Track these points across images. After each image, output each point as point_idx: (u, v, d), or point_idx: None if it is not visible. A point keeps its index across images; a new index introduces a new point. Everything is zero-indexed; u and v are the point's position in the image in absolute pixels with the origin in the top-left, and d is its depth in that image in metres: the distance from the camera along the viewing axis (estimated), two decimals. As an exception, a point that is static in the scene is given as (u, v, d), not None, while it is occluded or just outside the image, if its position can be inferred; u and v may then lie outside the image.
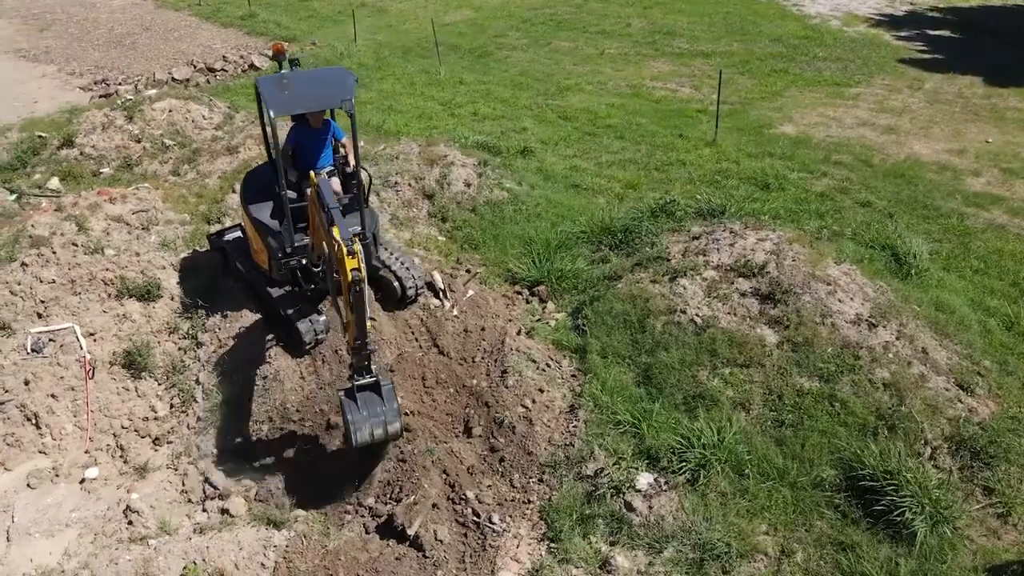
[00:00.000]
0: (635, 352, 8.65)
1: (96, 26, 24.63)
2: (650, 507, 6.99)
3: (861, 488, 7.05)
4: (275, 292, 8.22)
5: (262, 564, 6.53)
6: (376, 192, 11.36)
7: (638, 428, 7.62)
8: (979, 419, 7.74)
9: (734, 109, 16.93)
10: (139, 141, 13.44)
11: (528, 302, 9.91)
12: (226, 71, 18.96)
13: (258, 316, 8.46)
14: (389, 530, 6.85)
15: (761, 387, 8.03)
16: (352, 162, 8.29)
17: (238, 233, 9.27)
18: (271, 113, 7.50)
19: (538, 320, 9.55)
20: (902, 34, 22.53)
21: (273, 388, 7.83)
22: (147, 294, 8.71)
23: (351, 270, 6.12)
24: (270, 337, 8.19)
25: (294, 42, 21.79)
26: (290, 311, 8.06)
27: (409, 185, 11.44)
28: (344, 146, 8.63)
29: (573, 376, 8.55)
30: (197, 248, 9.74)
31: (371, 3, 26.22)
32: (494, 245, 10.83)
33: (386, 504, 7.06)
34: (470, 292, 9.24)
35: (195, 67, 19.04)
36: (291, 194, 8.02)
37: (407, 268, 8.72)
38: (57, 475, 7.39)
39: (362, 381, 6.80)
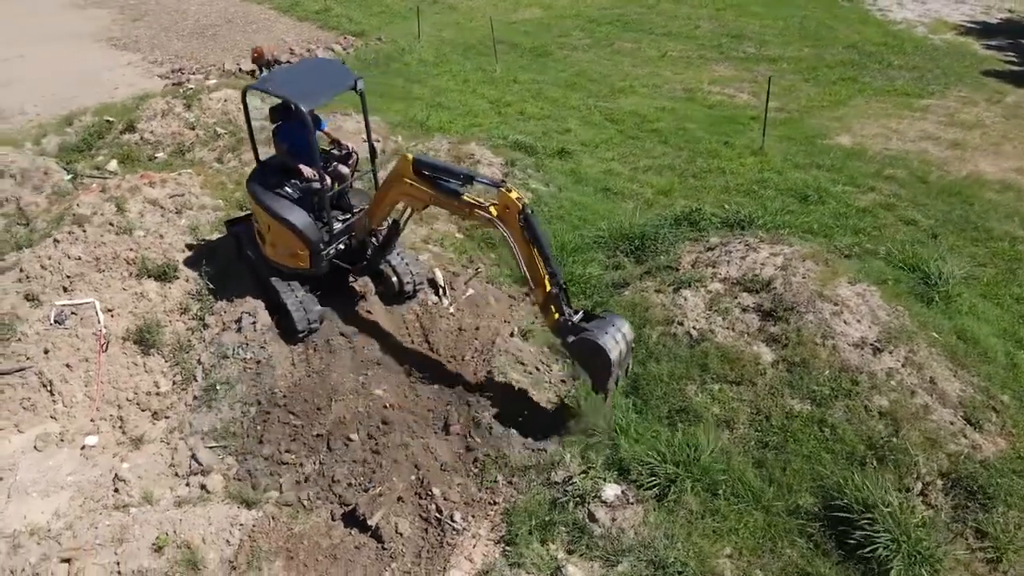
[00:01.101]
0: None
1: (184, 17, 25.86)
2: (613, 519, 6.91)
3: (837, 519, 6.77)
4: (275, 280, 8.52)
5: (227, 541, 6.81)
6: (400, 187, 11.59)
7: (615, 438, 7.52)
8: (982, 457, 7.31)
9: (790, 117, 16.40)
10: (193, 128, 14.09)
11: (534, 303, 9.89)
12: (290, 63, 19.58)
13: (260, 302, 8.77)
14: (354, 519, 7.00)
15: (749, 406, 7.80)
16: (348, 145, 8.70)
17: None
18: (303, 107, 7.72)
19: (541, 323, 9.53)
20: (992, 43, 21.27)
21: (265, 373, 8.13)
22: (164, 275, 9.18)
23: (518, 200, 6.78)
24: (268, 323, 8.50)
25: (362, 37, 22.37)
26: (288, 299, 8.35)
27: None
28: (328, 135, 8.89)
29: (562, 381, 8.51)
30: (220, 233, 10.17)
31: (444, 0, 26.57)
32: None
33: (355, 493, 7.21)
34: (470, 291, 9.31)
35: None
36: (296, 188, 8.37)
37: (406, 264, 8.88)
38: (62, 440, 7.89)
39: (577, 317, 7.07)
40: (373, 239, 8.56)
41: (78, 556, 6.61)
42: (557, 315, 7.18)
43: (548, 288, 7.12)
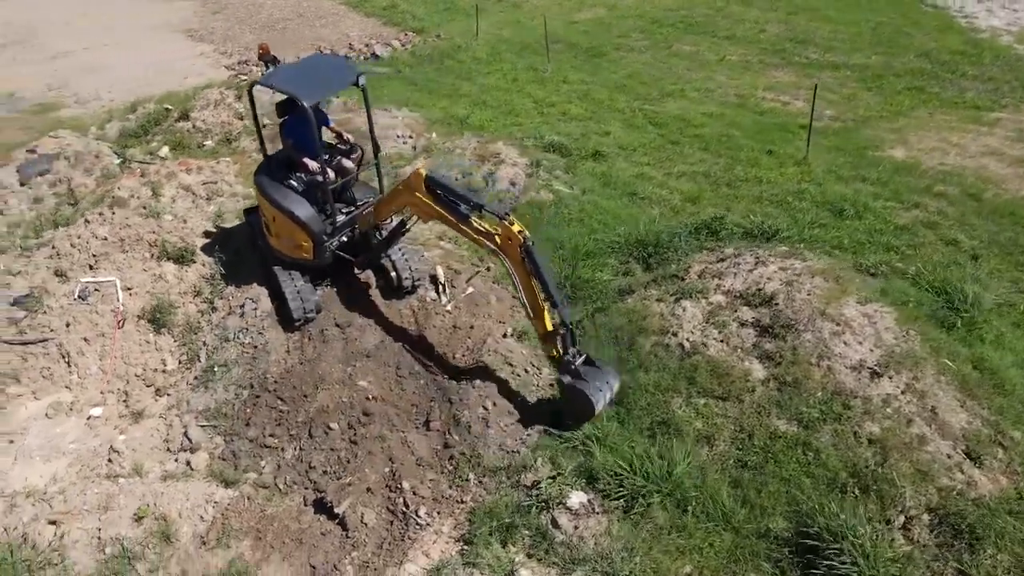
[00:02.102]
0: (619, 370, 8.43)
1: (259, 10, 26.85)
2: (575, 527, 6.86)
3: (807, 546, 6.53)
4: (277, 269, 8.80)
5: (201, 517, 7.10)
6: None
7: (589, 446, 7.46)
8: (977, 494, 6.92)
9: (844, 127, 15.81)
10: (241, 119, 14.65)
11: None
12: (348, 58, 20.11)
13: (264, 289, 9.07)
14: (324, 506, 7.19)
15: (733, 423, 7.60)
16: (348, 137, 8.87)
17: None
18: (304, 102, 7.94)
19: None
20: (1085, 55, 19.92)
21: (260, 357, 8.42)
22: (182, 258, 9.62)
23: (519, 232, 6.87)
24: (268, 309, 8.79)
25: (421, 33, 22.72)
26: (286, 288, 8.61)
27: (456, 179, 11.71)
28: (333, 130, 9.08)
29: (550, 385, 8.47)
30: (241, 221, 10.55)
31: (508, -2, 26.73)
32: (524, 246, 10.88)
33: (329, 480, 7.40)
34: (470, 289, 9.37)
35: (321, 53, 20.34)
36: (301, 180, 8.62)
37: (406, 259, 9.01)
38: (71, 409, 8.37)
39: (579, 360, 7.40)
40: (377, 233, 8.74)
41: (64, 520, 7.02)
42: (556, 353, 7.46)
43: (547, 323, 7.40)
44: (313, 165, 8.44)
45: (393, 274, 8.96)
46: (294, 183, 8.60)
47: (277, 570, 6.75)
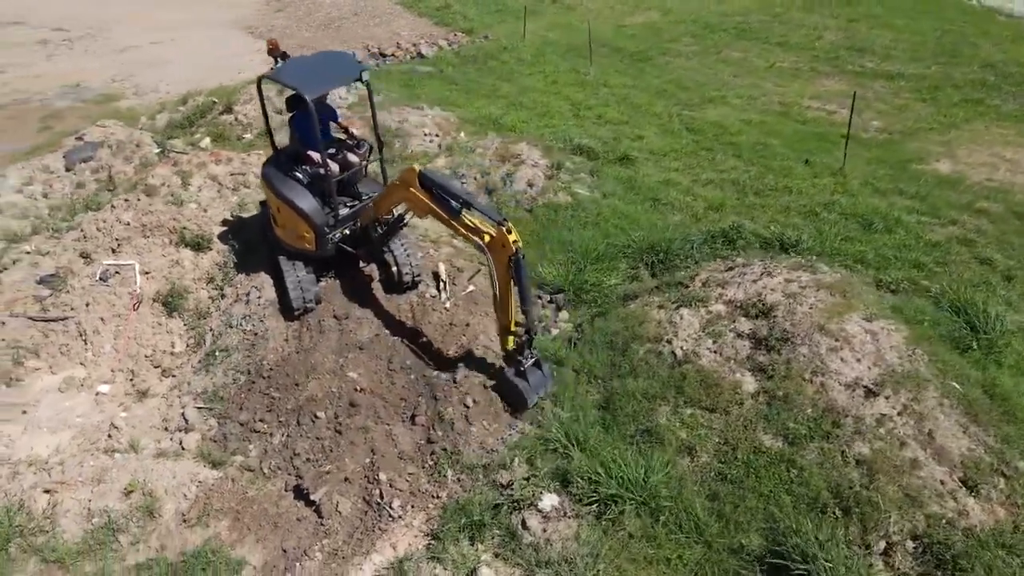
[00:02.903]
0: (609, 374, 8.37)
1: (319, 9, 27.51)
2: (544, 529, 6.83)
3: (777, 566, 6.36)
4: (282, 259, 9.01)
5: (184, 495, 7.34)
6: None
7: (568, 450, 7.41)
8: (968, 524, 6.62)
9: (890, 139, 15.29)
10: (280, 113, 15.02)
11: (543, 307, 9.89)
12: (395, 57, 20.44)
13: (269, 278, 9.31)
14: (302, 492, 7.33)
15: (718, 435, 7.45)
16: (342, 135, 9.03)
17: None
18: (305, 95, 8.15)
19: (542, 325, 9.51)
20: None
21: (259, 344, 8.64)
22: (199, 245, 9.94)
23: (514, 243, 7.03)
24: (271, 298, 9.02)
25: (470, 34, 22.91)
26: (288, 278, 8.82)
27: (474, 179, 11.79)
28: (341, 126, 9.23)
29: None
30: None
31: (563, 1, 26.68)
32: (536, 247, 10.88)
33: (310, 468, 7.55)
34: (471, 288, 9.41)
35: (369, 51, 20.74)
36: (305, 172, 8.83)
37: (408, 255, 9.11)
38: (82, 385, 8.75)
39: (530, 362, 7.82)
40: (377, 227, 8.88)
41: (59, 489, 7.35)
42: (510, 348, 7.82)
43: (511, 324, 7.64)
44: (316, 157, 8.62)
45: (394, 268, 9.08)
46: (299, 175, 8.80)
47: (250, 551, 6.92)
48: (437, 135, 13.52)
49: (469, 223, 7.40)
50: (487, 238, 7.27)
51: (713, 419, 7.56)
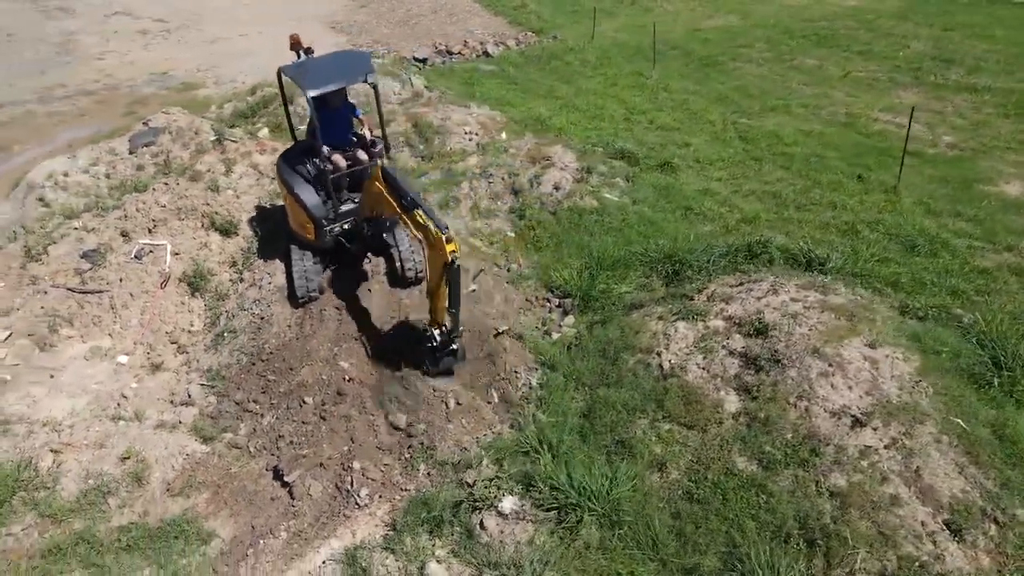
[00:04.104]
0: (596, 382, 8.29)
1: (401, 6, 28.18)
2: (501, 531, 6.86)
3: (728, 591, 6.18)
4: (293, 248, 9.34)
5: (172, 466, 7.76)
6: (469, 180, 11.99)
7: (539, 454, 7.40)
8: (944, 569, 6.23)
9: (960, 156, 14.41)
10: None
11: (551, 310, 9.88)
12: (462, 55, 20.70)
13: (282, 265, 9.67)
14: (280, 473, 7.62)
15: (692, 453, 7.27)
16: (367, 133, 9.10)
17: None
18: (308, 93, 8.45)
19: (545, 329, 9.51)
20: None
21: (264, 329, 9.00)
22: (227, 230, 10.43)
23: (451, 252, 7.13)
24: (281, 285, 9.37)
25: (540, 34, 22.95)
26: (295, 267, 9.14)
27: (502, 179, 11.85)
28: (362, 122, 9.42)
29: (528, 387, 8.46)
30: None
31: (642, 3, 26.36)
32: (554, 250, 10.86)
33: (290, 450, 7.82)
34: (472, 287, 9.49)
35: (436, 49, 21.09)
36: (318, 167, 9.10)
37: (411, 251, 9.27)
38: (105, 355, 9.36)
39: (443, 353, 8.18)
40: (365, 227, 9.07)
41: (64, 450, 7.90)
42: (431, 337, 8.07)
43: (439, 313, 7.86)
44: (324, 150, 8.88)
45: (397, 264, 9.26)
46: (309, 168, 9.09)
47: (223, 524, 7.26)
48: (477, 134, 13.66)
49: (421, 221, 7.44)
50: (432, 238, 7.34)
51: (690, 436, 7.38)
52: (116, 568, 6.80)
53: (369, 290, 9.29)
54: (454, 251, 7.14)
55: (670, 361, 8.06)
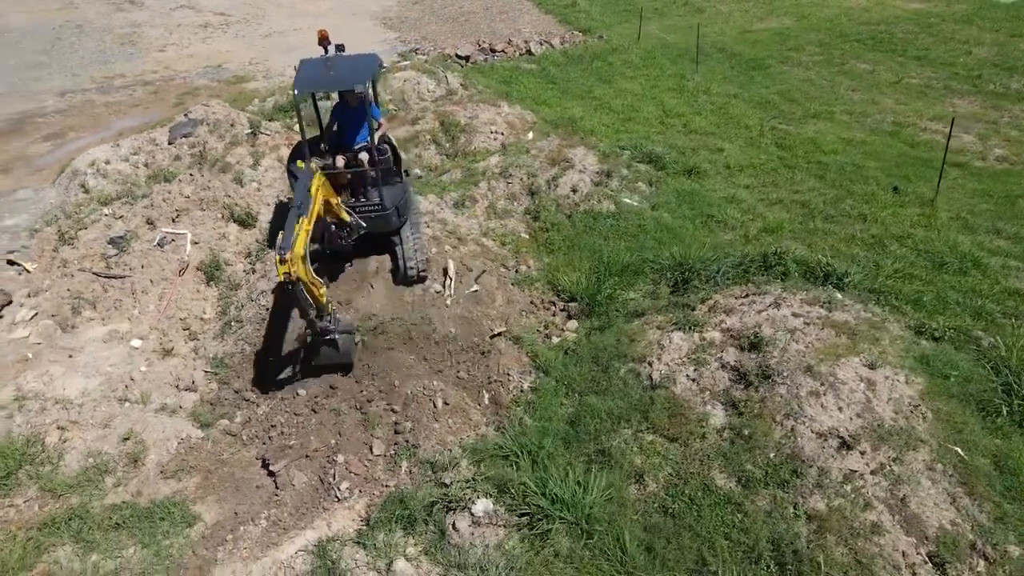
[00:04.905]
0: (587, 389, 8.23)
1: (454, 3, 28.31)
2: (472, 533, 6.88)
3: (690, 610, 6.07)
4: None
5: (167, 449, 8.02)
6: (488, 180, 12.01)
7: (518, 459, 7.39)
8: (922, 604, 5.99)
9: (1009, 170, 13.78)
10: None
11: (554, 314, 9.84)
12: (505, 53, 20.69)
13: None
14: (267, 463, 7.80)
15: (672, 466, 7.15)
16: (385, 136, 9.26)
17: None
18: (295, 90, 8.60)
19: (546, 332, 9.47)
20: None
21: (273, 321, 9.20)
22: (245, 222, 10.71)
23: (283, 273, 6.78)
24: (288, 278, 9.58)
25: (586, 33, 22.78)
26: (302, 261, 9.32)
27: (520, 180, 11.84)
28: (381, 124, 9.49)
29: (520, 391, 8.45)
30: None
31: (694, 3, 25.92)
32: (565, 252, 10.81)
33: (279, 440, 8.00)
34: (475, 287, 9.51)
35: (479, 47, 21.14)
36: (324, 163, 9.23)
37: (415, 250, 9.33)
38: (121, 338, 9.72)
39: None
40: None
41: (69, 428, 8.25)
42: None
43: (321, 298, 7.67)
44: (320, 147, 9.05)
45: (400, 262, 9.35)
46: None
47: (208, 508, 7.47)
48: (502, 133, 13.67)
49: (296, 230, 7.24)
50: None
51: (671, 449, 7.26)
52: (104, 544, 7.08)
53: (371, 286, 9.40)
54: (286, 272, 6.70)
55: (661, 371, 7.94)
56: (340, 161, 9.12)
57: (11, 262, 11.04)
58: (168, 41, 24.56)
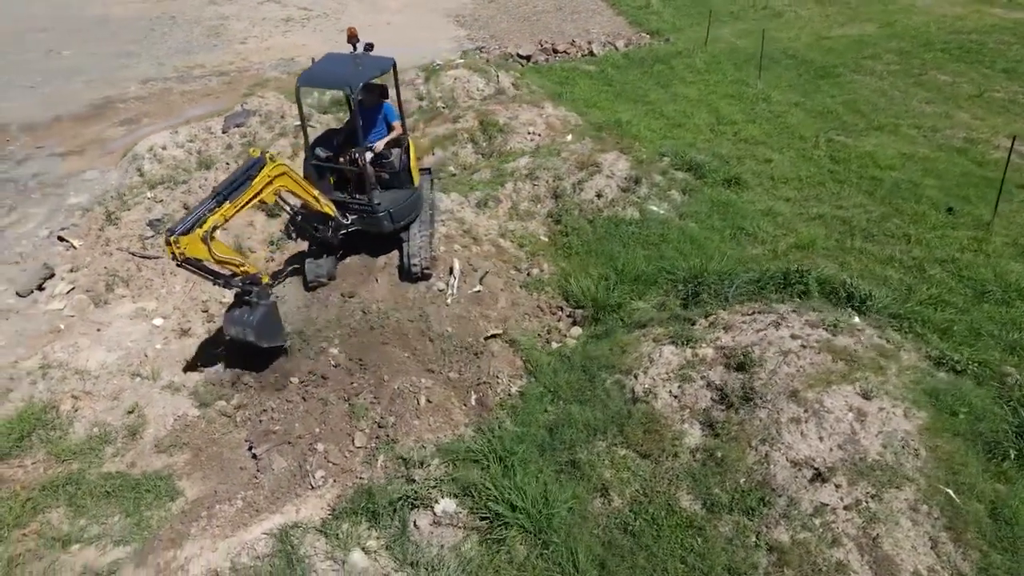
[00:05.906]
0: (572, 397, 8.12)
1: (527, 3, 28.33)
2: (432, 532, 6.92)
3: (632, 632, 5.92)
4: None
5: (164, 425, 8.39)
6: (515, 181, 11.98)
7: (488, 462, 7.37)
8: (879, 653, 5.66)
9: (1085, 194, 12.69)
10: (421, 99, 15.99)
11: (560, 319, 9.74)
12: (567, 54, 20.57)
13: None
14: (251, 446, 8.05)
15: (640, 483, 6.99)
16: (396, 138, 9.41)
17: None
18: (298, 84, 8.82)
19: (547, 337, 9.39)
20: None
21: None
22: (270, 211, 11.05)
23: (169, 252, 7.34)
24: (297, 267, 9.85)
25: (654, 36, 22.39)
26: (310, 252, 9.56)
27: (547, 182, 11.76)
28: (395, 127, 9.58)
29: (508, 394, 8.42)
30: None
31: (773, 7, 25.09)
32: (582, 257, 10.68)
33: (266, 424, 8.24)
34: (478, 287, 9.50)
35: (541, 47, 21.07)
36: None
37: (420, 247, 9.41)
38: (147, 316, 10.22)
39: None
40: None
41: (82, 398, 8.74)
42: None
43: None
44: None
45: (405, 258, 9.45)
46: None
47: (192, 485, 7.77)
48: (540, 135, 13.61)
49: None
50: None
51: (642, 465, 7.09)
52: (94, 510, 7.46)
53: (376, 280, 9.55)
54: (171, 253, 7.25)
55: (644, 385, 7.75)
56: (323, 153, 9.29)
57: (61, 238, 11.77)
58: (250, 34, 25.56)
